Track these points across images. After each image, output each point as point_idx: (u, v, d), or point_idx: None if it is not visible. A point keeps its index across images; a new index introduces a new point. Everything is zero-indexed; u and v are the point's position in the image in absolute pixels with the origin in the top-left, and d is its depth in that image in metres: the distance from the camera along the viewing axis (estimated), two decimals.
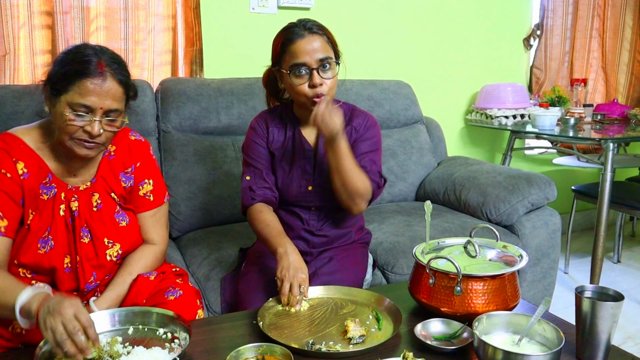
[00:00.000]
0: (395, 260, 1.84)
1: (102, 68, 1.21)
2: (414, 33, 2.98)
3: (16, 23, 2.06)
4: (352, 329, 1.16)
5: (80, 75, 1.19)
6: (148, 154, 1.46)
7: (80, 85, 1.19)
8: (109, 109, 1.22)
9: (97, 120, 1.21)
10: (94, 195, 1.35)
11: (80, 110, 1.20)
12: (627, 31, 3.62)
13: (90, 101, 1.19)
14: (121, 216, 1.39)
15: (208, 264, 1.78)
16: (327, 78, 1.45)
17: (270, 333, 1.15)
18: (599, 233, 2.57)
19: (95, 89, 1.19)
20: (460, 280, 1.16)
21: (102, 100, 1.20)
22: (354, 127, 1.61)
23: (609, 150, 2.51)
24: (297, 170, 1.58)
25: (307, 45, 1.43)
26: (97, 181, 1.36)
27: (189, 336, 1.10)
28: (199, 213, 2.11)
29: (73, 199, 1.32)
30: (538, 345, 1.05)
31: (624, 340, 2.31)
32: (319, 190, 1.59)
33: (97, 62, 1.21)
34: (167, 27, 2.33)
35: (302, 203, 1.61)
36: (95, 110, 1.20)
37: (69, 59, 1.22)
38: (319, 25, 1.48)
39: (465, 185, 2.32)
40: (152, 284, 1.36)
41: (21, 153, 1.27)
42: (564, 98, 3.26)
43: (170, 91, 2.17)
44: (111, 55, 1.26)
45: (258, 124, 1.62)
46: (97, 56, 1.22)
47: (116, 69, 1.24)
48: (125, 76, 1.26)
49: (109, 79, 1.21)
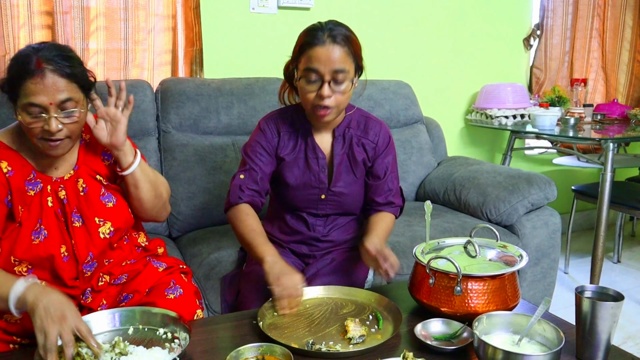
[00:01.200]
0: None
1: (39, 66, 1.17)
2: (414, 33, 2.98)
3: (16, 23, 2.06)
4: (352, 329, 1.16)
5: (21, 77, 1.17)
6: None
7: (24, 87, 1.17)
8: (60, 102, 1.19)
9: (53, 117, 1.19)
10: (78, 180, 1.35)
11: (34, 112, 1.18)
12: (627, 31, 3.62)
13: (38, 100, 1.17)
14: (107, 198, 1.38)
15: (208, 264, 1.78)
16: (338, 91, 1.40)
17: (270, 333, 1.15)
18: (599, 233, 2.57)
19: (38, 88, 1.17)
20: (460, 280, 1.16)
21: (49, 96, 1.17)
22: (371, 140, 1.57)
23: (609, 150, 2.51)
24: (310, 179, 1.54)
25: (324, 54, 1.37)
26: (80, 168, 1.36)
27: (189, 336, 1.10)
28: (199, 213, 2.11)
29: (60, 189, 1.32)
30: (538, 345, 1.05)
31: (624, 340, 2.31)
32: (332, 199, 1.56)
33: (35, 61, 1.17)
34: (167, 27, 2.33)
35: (312, 210, 1.58)
36: (47, 107, 1.18)
37: (12, 64, 1.21)
38: (345, 35, 1.41)
39: (465, 185, 2.32)
40: (158, 275, 1.38)
41: (2, 153, 1.27)
42: (564, 98, 3.26)
43: (170, 91, 2.17)
44: (51, 49, 1.21)
45: (268, 127, 1.56)
46: (35, 54, 1.18)
47: (56, 64, 1.19)
48: (70, 68, 1.21)
49: (49, 74, 1.18)
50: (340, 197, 1.56)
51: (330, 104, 1.40)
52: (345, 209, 1.60)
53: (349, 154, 1.57)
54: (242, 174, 1.53)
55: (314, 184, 1.55)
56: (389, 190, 1.59)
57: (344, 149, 1.56)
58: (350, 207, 1.61)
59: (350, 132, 1.56)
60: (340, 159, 1.56)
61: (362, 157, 1.58)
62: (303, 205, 1.57)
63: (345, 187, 1.56)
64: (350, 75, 1.41)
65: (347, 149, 1.56)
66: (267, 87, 2.31)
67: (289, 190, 1.56)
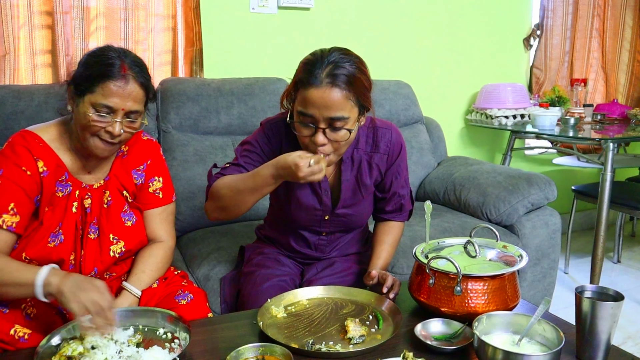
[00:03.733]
0: (395, 260, 1.83)
1: (125, 71, 1.24)
2: (414, 33, 2.98)
3: (16, 23, 2.06)
4: (352, 329, 1.16)
5: (103, 77, 1.22)
6: (158, 153, 1.50)
7: (104, 86, 1.22)
8: (130, 111, 1.26)
9: (119, 121, 1.25)
10: (105, 192, 1.38)
11: (103, 111, 1.24)
12: (627, 31, 3.62)
13: (113, 102, 1.23)
14: (128, 216, 1.41)
15: (208, 264, 1.78)
16: (335, 140, 1.24)
17: (270, 333, 1.15)
18: (599, 233, 2.57)
19: (118, 91, 1.23)
20: (460, 280, 1.16)
21: (124, 101, 1.24)
22: (383, 152, 1.44)
23: (609, 150, 2.51)
24: (311, 199, 1.45)
25: (320, 98, 1.19)
26: (110, 179, 1.39)
27: (189, 336, 1.10)
28: (199, 213, 2.11)
29: (86, 197, 1.35)
30: (538, 345, 1.05)
31: (624, 340, 2.31)
32: (336, 220, 1.49)
33: (120, 65, 1.24)
34: (167, 26, 2.33)
35: (315, 228, 1.51)
36: (117, 111, 1.24)
37: (93, 61, 1.26)
38: (349, 75, 1.21)
39: (465, 185, 2.32)
40: (158, 291, 1.39)
41: (41, 151, 1.29)
42: (564, 98, 3.26)
43: (171, 91, 2.17)
44: (133, 58, 1.29)
45: (273, 133, 1.40)
46: (120, 59, 1.25)
47: (138, 72, 1.27)
48: (146, 79, 1.30)
49: (131, 81, 1.25)
50: (346, 217, 1.49)
51: (326, 151, 1.26)
52: (350, 226, 1.54)
53: (357, 177, 1.45)
54: (229, 167, 1.39)
55: (316, 206, 1.45)
56: (400, 197, 1.53)
57: (352, 172, 1.45)
58: (356, 224, 1.55)
59: (360, 153, 1.43)
60: (348, 184, 1.45)
61: (375, 176, 1.48)
62: (305, 224, 1.50)
63: (351, 209, 1.49)
64: (350, 121, 1.24)
65: (357, 172, 1.45)
66: (267, 87, 2.31)
67: (291, 210, 1.47)
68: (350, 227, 1.55)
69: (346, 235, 1.58)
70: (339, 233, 1.55)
